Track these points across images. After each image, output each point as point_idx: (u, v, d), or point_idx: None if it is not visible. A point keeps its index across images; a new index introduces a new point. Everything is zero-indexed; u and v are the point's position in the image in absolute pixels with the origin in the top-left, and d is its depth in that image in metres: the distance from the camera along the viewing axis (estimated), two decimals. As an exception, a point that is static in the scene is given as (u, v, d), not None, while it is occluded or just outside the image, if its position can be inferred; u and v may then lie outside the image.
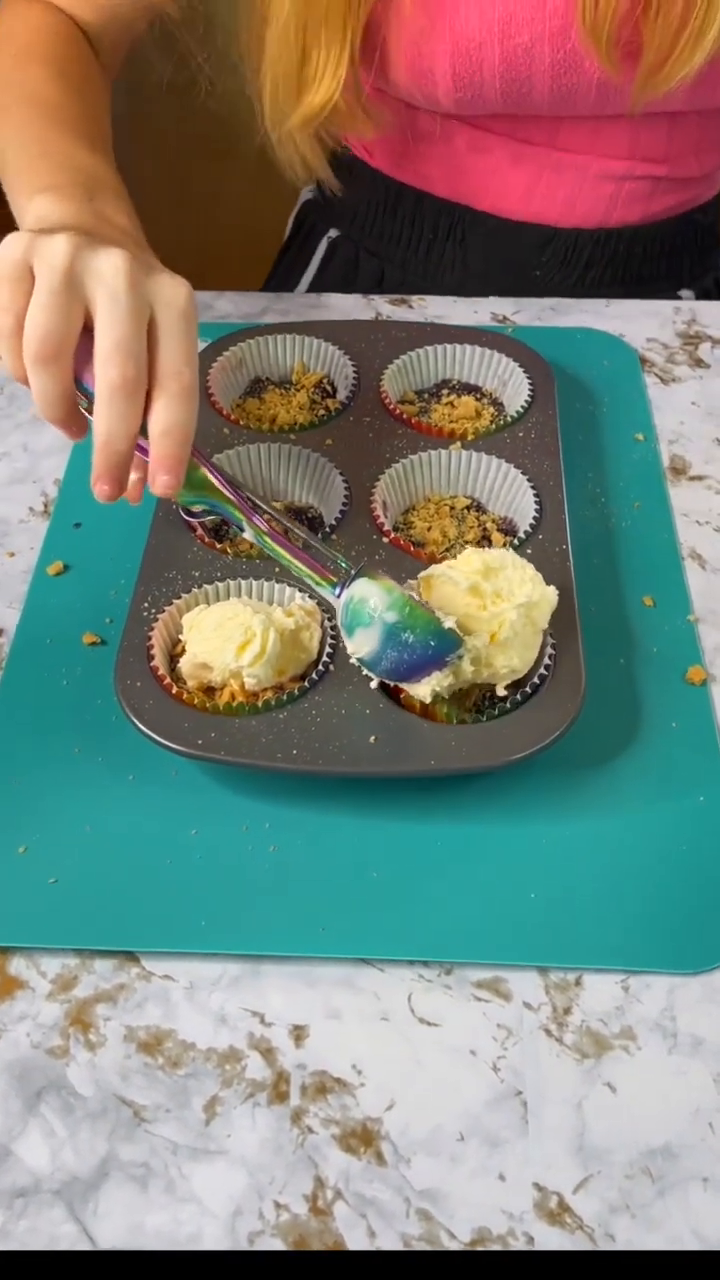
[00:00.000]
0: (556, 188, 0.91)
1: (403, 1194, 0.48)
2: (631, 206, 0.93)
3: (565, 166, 0.90)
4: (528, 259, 0.95)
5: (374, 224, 0.99)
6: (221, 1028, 0.53)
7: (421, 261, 0.98)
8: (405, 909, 0.56)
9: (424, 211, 0.96)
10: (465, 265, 0.97)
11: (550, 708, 0.59)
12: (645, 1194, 0.48)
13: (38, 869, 0.57)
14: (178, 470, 0.57)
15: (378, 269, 1.01)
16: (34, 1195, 0.48)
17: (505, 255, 0.95)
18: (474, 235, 0.95)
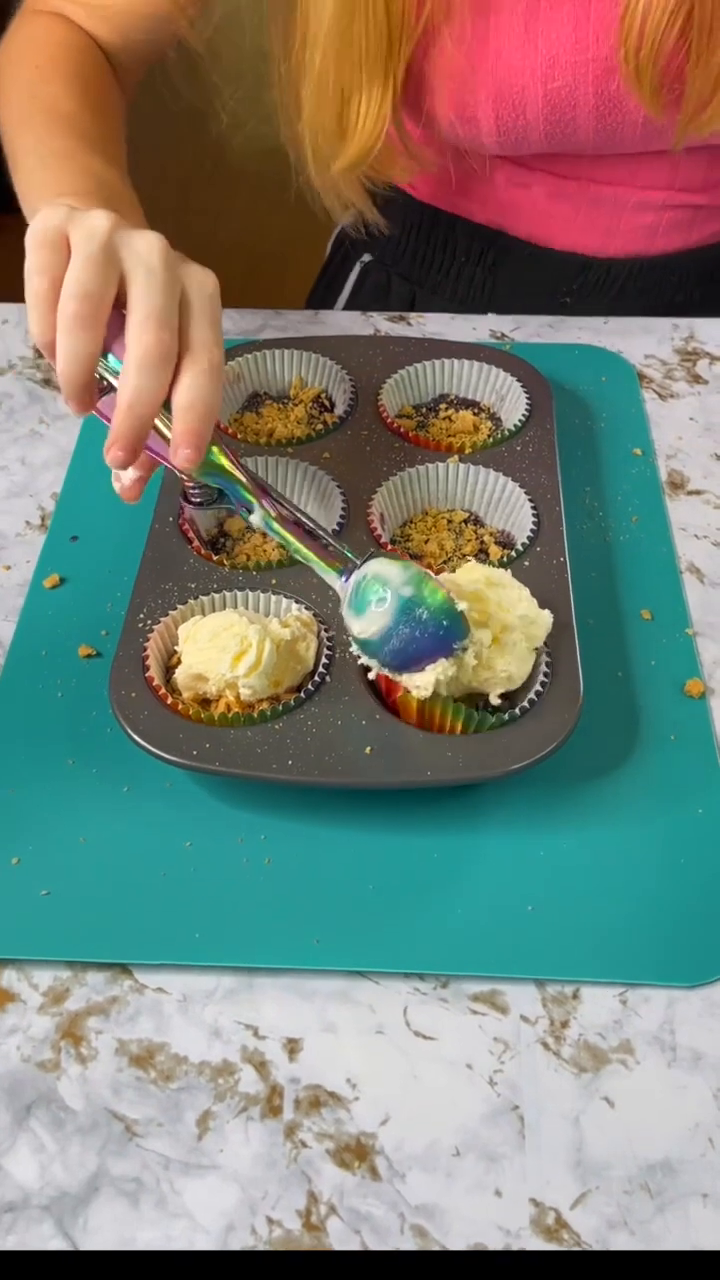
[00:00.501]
0: (595, 219, 0.90)
1: (397, 1209, 0.48)
2: (671, 236, 0.92)
3: (604, 199, 0.89)
4: (558, 286, 0.95)
5: (407, 249, 0.99)
6: (215, 1041, 0.52)
7: (452, 285, 0.98)
8: (401, 921, 0.56)
9: (458, 236, 0.95)
10: (495, 290, 0.97)
11: (547, 719, 0.59)
12: (644, 1210, 0.48)
13: (31, 880, 0.57)
14: (200, 445, 0.57)
15: (409, 293, 1.00)
16: (23, 1210, 0.47)
17: (536, 282, 0.95)
18: (506, 261, 0.95)
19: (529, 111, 0.80)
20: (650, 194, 0.89)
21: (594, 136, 0.82)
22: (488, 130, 0.82)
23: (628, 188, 0.88)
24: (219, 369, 0.58)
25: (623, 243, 0.92)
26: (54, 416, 0.82)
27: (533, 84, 0.79)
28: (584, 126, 0.81)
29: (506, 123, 0.81)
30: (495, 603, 0.59)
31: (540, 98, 0.79)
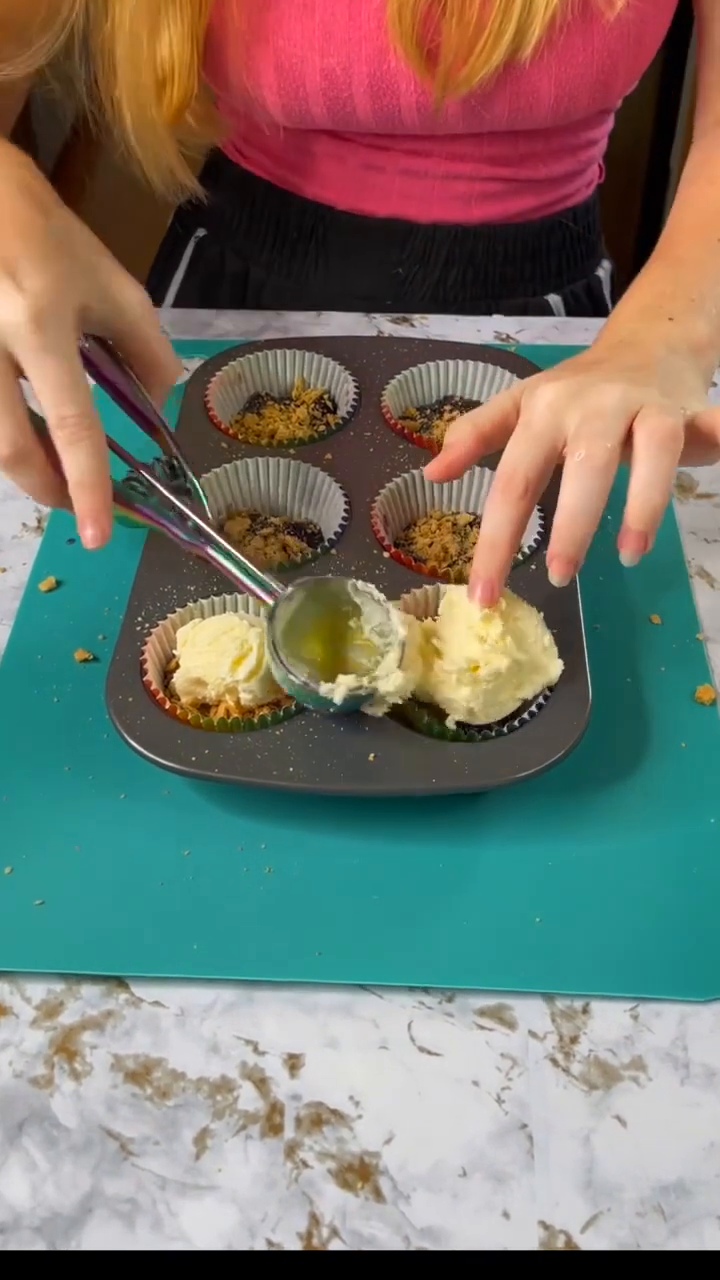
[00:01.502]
0: (410, 188, 0.91)
1: (402, 1232, 0.46)
2: (486, 205, 0.93)
3: (415, 170, 0.90)
4: (387, 256, 0.95)
5: (239, 224, 0.99)
6: (213, 1057, 0.51)
7: (286, 262, 0.98)
8: (406, 933, 0.54)
9: (288, 212, 0.96)
10: (328, 264, 0.97)
11: (555, 726, 0.58)
12: (658, 1233, 0.46)
13: (24, 890, 0.55)
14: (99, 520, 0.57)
15: (243, 268, 1.01)
16: (13, 1232, 0.46)
17: (365, 254, 0.95)
18: (334, 234, 0.95)
19: (308, 85, 0.81)
20: (458, 165, 0.90)
21: (372, 117, 0.83)
22: (272, 102, 0.83)
23: (435, 159, 0.89)
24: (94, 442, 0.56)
25: (440, 210, 0.93)
26: (52, 418, 0.81)
27: (310, 57, 0.80)
28: (361, 106, 0.82)
29: (288, 95, 0.82)
30: (499, 637, 0.58)
31: (317, 72, 0.80)
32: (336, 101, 0.82)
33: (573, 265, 1.00)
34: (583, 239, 1.00)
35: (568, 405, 0.58)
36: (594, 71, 0.80)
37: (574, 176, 0.96)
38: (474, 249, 0.95)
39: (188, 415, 0.75)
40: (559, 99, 0.81)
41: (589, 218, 1.01)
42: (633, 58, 0.81)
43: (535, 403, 0.58)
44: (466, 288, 0.96)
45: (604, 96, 0.83)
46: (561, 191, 0.96)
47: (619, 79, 0.82)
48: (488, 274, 0.96)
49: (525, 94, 0.80)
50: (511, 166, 0.91)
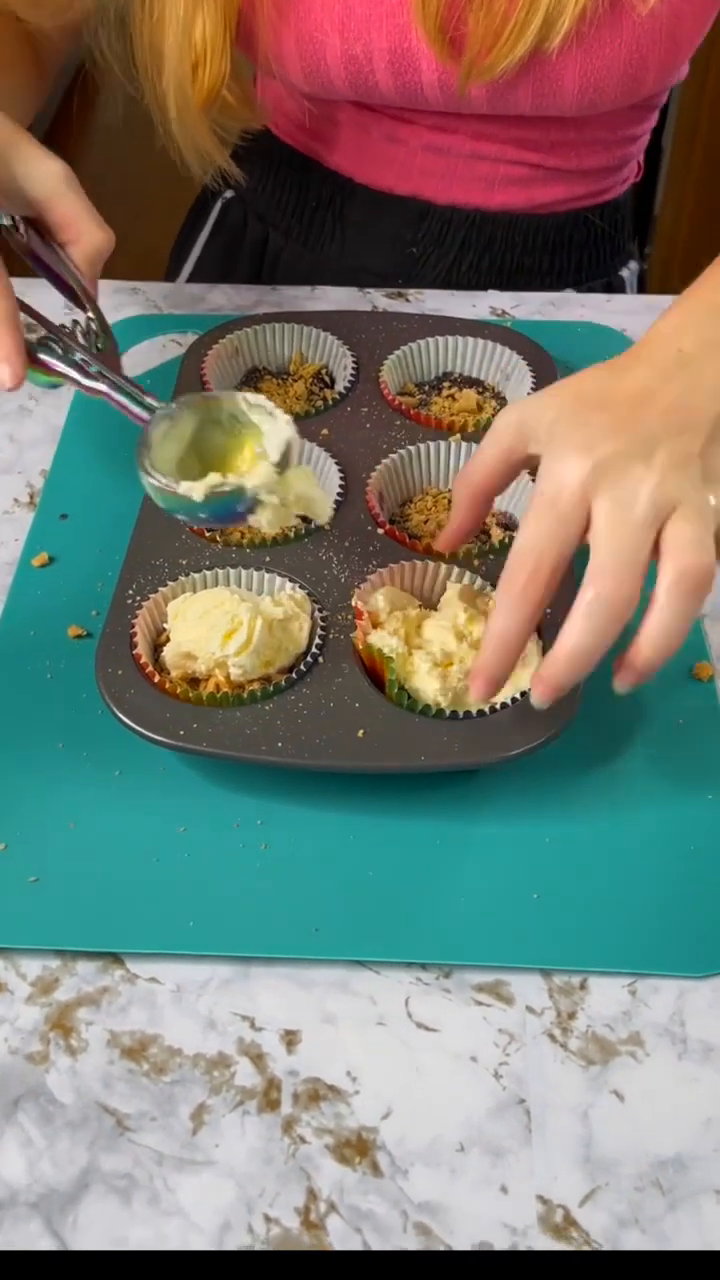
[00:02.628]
0: (431, 164, 0.90)
1: (400, 1207, 0.46)
2: (510, 191, 0.91)
3: (439, 146, 0.89)
4: (402, 234, 0.94)
5: (264, 188, 0.99)
6: (210, 1033, 0.51)
7: (304, 230, 0.97)
8: (403, 909, 0.54)
9: (309, 179, 0.95)
10: (344, 236, 0.96)
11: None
12: (655, 1207, 0.46)
13: (18, 867, 0.55)
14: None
15: (263, 233, 1.00)
16: (9, 1208, 0.46)
17: (381, 229, 0.94)
18: (351, 206, 0.94)
19: (329, 60, 0.80)
20: (484, 145, 0.88)
21: (395, 92, 0.82)
22: (295, 74, 0.82)
23: (461, 135, 0.88)
24: None
25: (460, 191, 0.91)
26: (43, 392, 0.80)
27: (331, 34, 0.79)
28: (383, 82, 0.81)
29: (310, 69, 0.81)
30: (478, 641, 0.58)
31: (338, 48, 0.80)
32: (358, 76, 0.81)
33: (595, 263, 0.98)
34: (609, 237, 0.98)
35: (597, 486, 0.51)
36: (621, 65, 0.78)
37: (607, 172, 0.94)
38: (492, 235, 0.93)
39: (184, 388, 0.74)
40: (584, 89, 0.79)
41: (618, 215, 0.98)
42: (665, 54, 0.79)
43: (563, 475, 0.51)
44: (480, 274, 0.95)
45: (633, 90, 0.81)
46: (592, 186, 0.94)
47: (649, 74, 0.80)
48: (504, 262, 0.95)
49: (550, 81, 0.79)
50: (540, 152, 0.89)
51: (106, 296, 0.88)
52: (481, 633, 0.57)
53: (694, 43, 0.81)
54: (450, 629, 0.59)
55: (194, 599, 0.60)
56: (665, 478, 0.51)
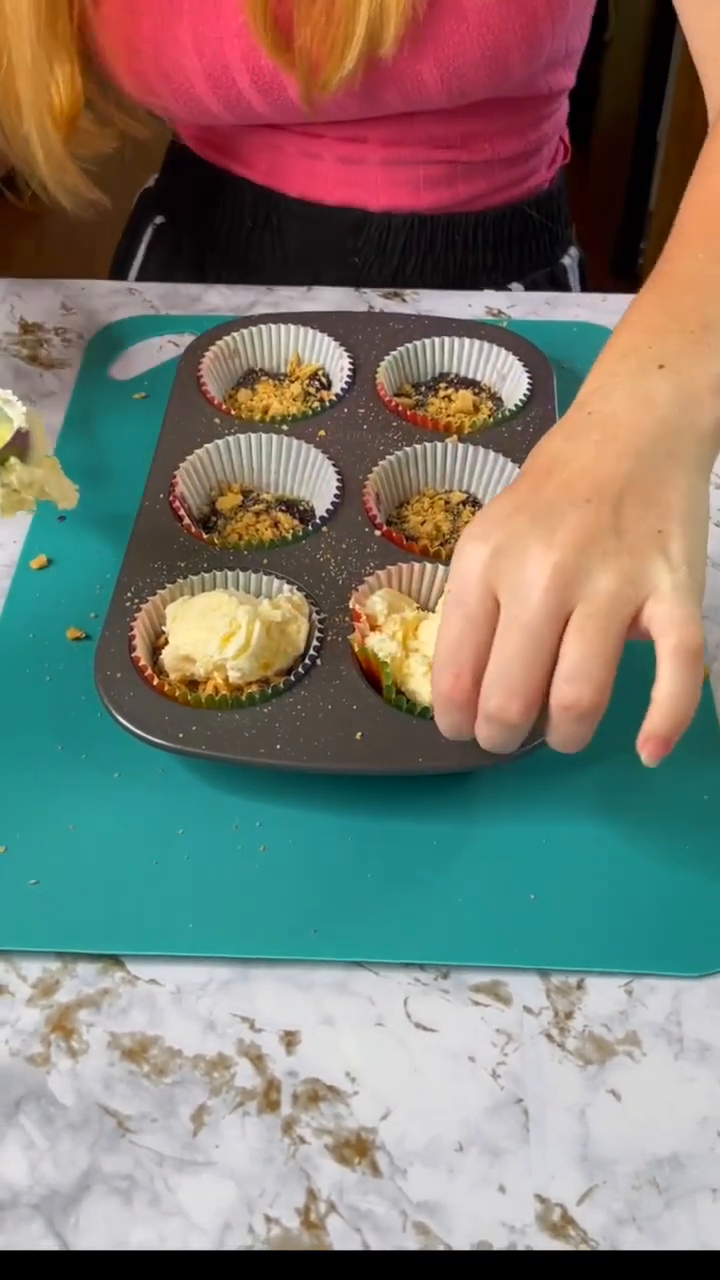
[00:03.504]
0: (352, 175, 0.90)
1: (399, 1206, 0.46)
2: (436, 191, 0.91)
3: (352, 157, 0.88)
4: (342, 244, 0.94)
5: (196, 211, 0.98)
6: (209, 1034, 0.51)
7: (242, 249, 0.97)
8: (401, 910, 0.54)
9: (242, 200, 0.95)
10: (284, 252, 0.96)
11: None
12: (652, 1205, 0.46)
13: (18, 870, 0.55)
14: None
15: (199, 256, 0.99)
16: (11, 1209, 0.46)
17: (320, 242, 0.94)
18: (288, 222, 0.94)
19: (196, 86, 0.80)
20: (395, 150, 0.88)
21: (271, 112, 0.82)
22: (171, 104, 0.82)
23: (371, 145, 0.87)
24: None
25: (388, 197, 0.91)
26: (41, 394, 0.80)
27: (189, 58, 0.78)
28: (253, 101, 0.81)
29: (181, 97, 0.81)
30: None
31: (199, 71, 0.79)
32: (229, 99, 0.81)
33: (536, 254, 0.98)
34: (546, 228, 0.98)
35: (497, 574, 0.48)
36: (476, 51, 0.77)
37: (526, 157, 0.93)
38: (432, 238, 0.93)
39: (181, 389, 0.75)
40: (446, 80, 0.79)
41: (553, 205, 0.98)
42: (523, 29, 0.77)
43: (463, 568, 0.48)
44: (425, 276, 0.95)
45: (501, 73, 0.79)
46: (514, 173, 0.93)
47: (512, 54, 0.78)
48: (447, 263, 0.95)
49: (409, 78, 0.78)
50: (453, 149, 0.89)
51: (103, 297, 0.89)
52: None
53: (559, 16, 0.79)
54: None
55: (192, 602, 0.60)
56: (565, 557, 0.47)
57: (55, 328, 0.86)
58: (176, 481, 0.68)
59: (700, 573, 0.49)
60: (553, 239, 0.99)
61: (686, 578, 0.48)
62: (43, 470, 0.59)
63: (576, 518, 0.48)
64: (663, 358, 0.51)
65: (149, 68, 0.80)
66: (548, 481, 0.49)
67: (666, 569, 0.47)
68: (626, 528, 0.48)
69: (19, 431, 0.58)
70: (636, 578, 0.47)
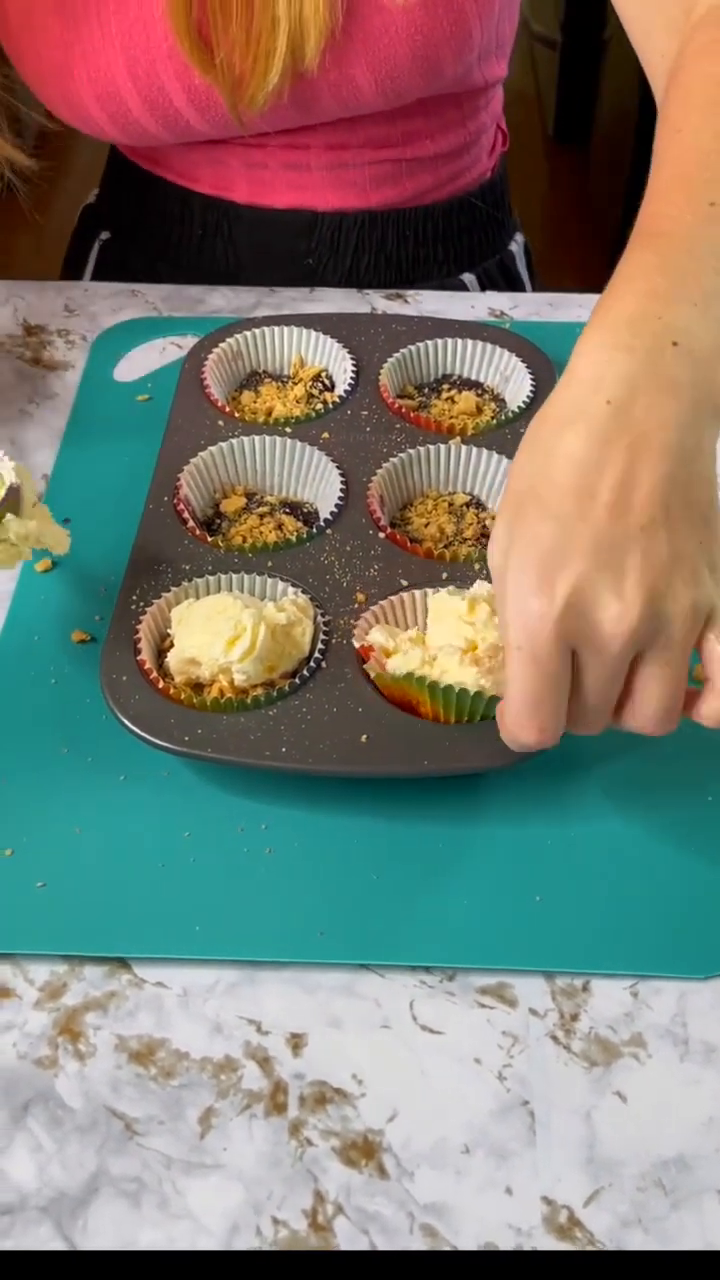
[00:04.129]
0: (299, 179, 0.90)
1: (406, 1208, 0.46)
2: (384, 189, 0.91)
3: (297, 163, 0.89)
4: (295, 247, 0.94)
5: (145, 224, 0.98)
6: (216, 1036, 0.51)
7: (194, 259, 0.97)
8: (406, 913, 0.54)
9: (191, 210, 0.94)
10: (237, 259, 0.96)
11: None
12: (658, 1207, 0.46)
13: (25, 873, 0.55)
14: None
15: (150, 267, 0.99)
16: (20, 1212, 0.46)
17: (272, 246, 0.94)
18: (239, 228, 0.94)
19: (132, 108, 0.80)
20: (339, 154, 0.88)
21: (210, 129, 0.82)
22: (105, 127, 0.82)
23: (315, 150, 0.88)
24: None
25: (338, 197, 0.91)
26: (44, 396, 0.81)
27: (123, 79, 0.79)
28: (191, 119, 0.81)
29: (118, 119, 0.81)
30: (484, 624, 0.58)
31: (134, 93, 0.79)
32: (166, 119, 0.81)
33: (485, 243, 0.99)
34: (492, 217, 0.99)
35: (570, 631, 0.46)
36: (406, 53, 0.77)
37: (467, 148, 0.94)
38: (384, 234, 0.93)
39: (184, 392, 0.75)
40: (379, 83, 0.79)
41: (495, 193, 0.99)
42: (454, 26, 0.78)
43: (532, 625, 0.46)
44: (379, 272, 0.95)
45: (434, 71, 0.79)
46: (457, 165, 0.94)
47: (443, 52, 0.79)
48: (399, 258, 0.95)
49: (342, 85, 0.79)
50: (396, 147, 0.89)
51: (106, 299, 0.89)
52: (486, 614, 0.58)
53: (484, 11, 0.79)
54: (457, 623, 0.58)
55: (197, 605, 0.60)
56: (640, 610, 0.46)
57: (58, 329, 0.86)
58: (180, 484, 0.68)
59: None
60: (498, 226, 1.00)
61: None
62: (35, 522, 0.61)
63: (639, 554, 0.46)
64: (674, 333, 0.48)
65: (83, 92, 0.80)
66: (592, 505, 0.46)
67: (716, 586, 0.47)
68: (682, 550, 0.46)
69: (11, 487, 0.60)
70: (701, 606, 0.47)
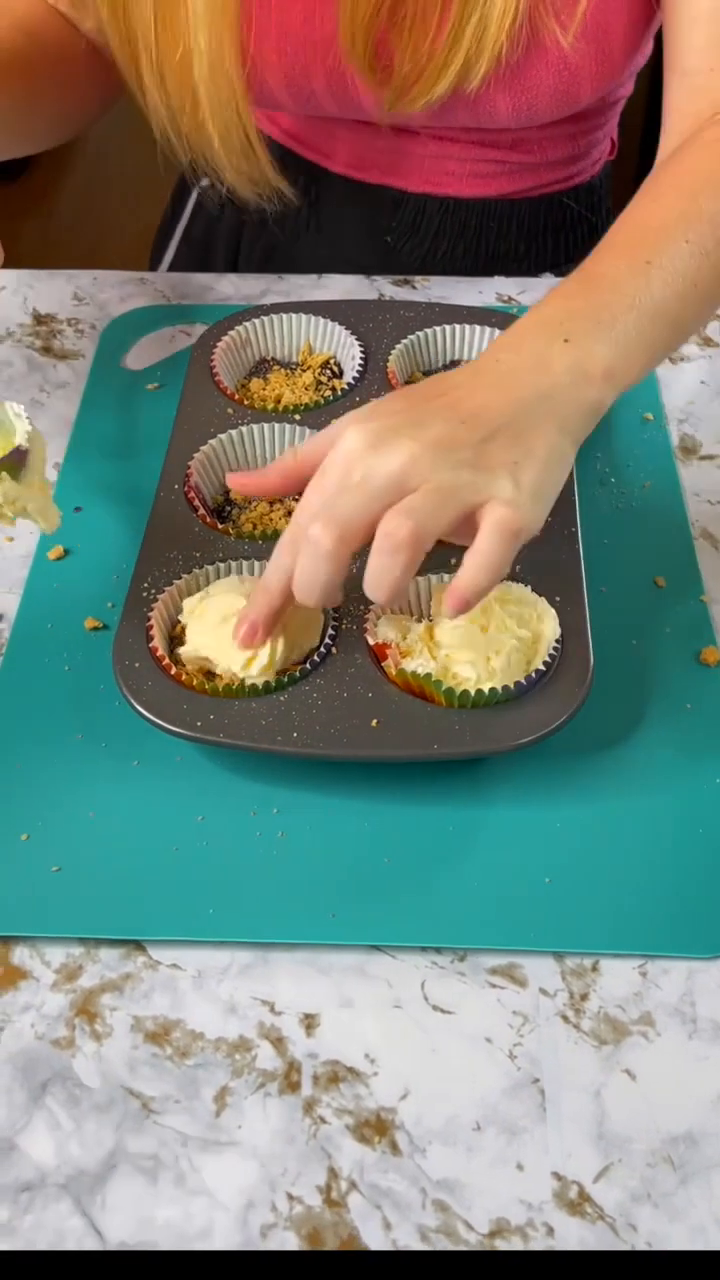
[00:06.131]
0: (398, 159, 0.91)
1: (419, 1184, 0.47)
2: (479, 183, 0.92)
3: (403, 144, 0.89)
4: (377, 222, 0.94)
5: None
6: (231, 1017, 0.52)
7: (279, 219, 0.96)
8: (418, 894, 0.55)
9: (286, 167, 0.93)
10: (320, 227, 0.96)
11: (557, 692, 0.58)
12: (667, 1183, 0.47)
13: (41, 856, 0.56)
14: None
15: (238, 222, 1.00)
16: (40, 1189, 0.47)
17: (357, 219, 0.95)
18: (327, 195, 0.95)
19: (270, 79, 0.81)
20: (448, 146, 0.89)
21: (339, 111, 0.83)
22: (242, 88, 0.81)
23: (423, 139, 0.88)
24: None
25: (431, 182, 0.92)
26: (54, 385, 0.81)
27: (270, 53, 0.79)
28: (323, 100, 0.82)
29: (254, 85, 0.80)
30: (507, 614, 0.59)
31: (278, 67, 0.80)
32: (300, 95, 0.82)
33: (572, 246, 0.98)
34: (584, 219, 0.98)
35: (412, 478, 0.52)
36: (550, 88, 0.79)
37: (575, 159, 0.94)
38: (466, 222, 0.94)
39: (194, 379, 0.75)
40: (517, 110, 0.80)
41: (593, 197, 0.98)
42: (597, 66, 0.79)
43: (379, 469, 0.52)
44: (456, 260, 0.95)
45: (569, 104, 0.81)
46: (563, 173, 0.94)
47: (584, 89, 0.80)
48: (479, 249, 0.95)
49: (483, 104, 0.79)
50: (503, 149, 0.89)
51: (114, 287, 0.89)
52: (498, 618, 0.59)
53: (630, 50, 0.80)
54: (467, 627, 0.59)
55: (210, 602, 0.60)
56: (422, 451, 0.52)
57: (68, 318, 0.87)
58: (191, 472, 0.69)
59: (542, 510, 0.54)
60: (590, 230, 0.99)
61: (529, 500, 0.53)
62: (31, 490, 0.59)
63: (447, 429, 0.53)
64: (569, 334, 0.57)
65: (227, 54, 0.77)
66: (438, 399, 0.55)
67: (511, 487, 0.52)
68: (488, 452, 0.53)
69: (18, 448, 0.59)
70: (479, 484, 0.52)
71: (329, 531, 0.52)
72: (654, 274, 0.60)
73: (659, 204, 0.65)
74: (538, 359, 0.56)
